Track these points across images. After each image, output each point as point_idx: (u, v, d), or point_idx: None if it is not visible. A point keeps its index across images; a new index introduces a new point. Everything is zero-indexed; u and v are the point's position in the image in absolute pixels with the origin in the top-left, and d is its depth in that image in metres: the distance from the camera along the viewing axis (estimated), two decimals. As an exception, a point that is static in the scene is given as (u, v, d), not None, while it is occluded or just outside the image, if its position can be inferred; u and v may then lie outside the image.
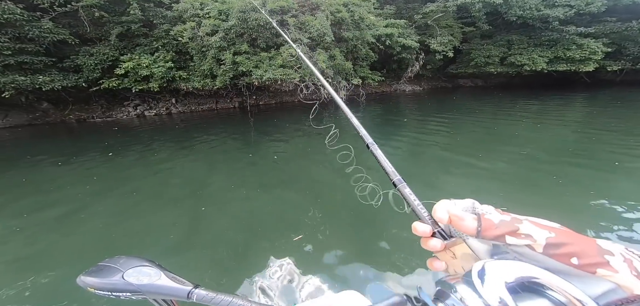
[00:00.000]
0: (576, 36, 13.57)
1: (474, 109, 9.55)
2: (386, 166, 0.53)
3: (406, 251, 2.40)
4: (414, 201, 0.46)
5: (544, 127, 6.50)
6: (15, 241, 2.73)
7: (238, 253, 2.45)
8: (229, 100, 12.04)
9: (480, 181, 3.66)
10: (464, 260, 0.40)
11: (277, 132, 7.06)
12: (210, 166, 4.87)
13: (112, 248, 2.59)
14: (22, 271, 2.27)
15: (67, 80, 9.03)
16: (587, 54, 13.20)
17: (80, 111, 10.60)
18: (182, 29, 9.31)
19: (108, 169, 4.83)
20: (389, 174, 0.52)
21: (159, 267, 0.58)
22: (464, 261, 0.40)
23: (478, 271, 0.33)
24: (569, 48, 13.65)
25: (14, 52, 7.89)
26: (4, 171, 4.91)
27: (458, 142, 5.60)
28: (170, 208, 3.30)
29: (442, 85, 17.95)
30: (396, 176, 0.50)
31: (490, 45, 15.43)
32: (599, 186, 3.28)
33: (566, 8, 13.24)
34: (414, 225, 0.43)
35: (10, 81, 7.90)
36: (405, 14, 15.63)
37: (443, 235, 0.42)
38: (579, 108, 9.06)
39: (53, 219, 3.13)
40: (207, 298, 0.52)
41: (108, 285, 0.54)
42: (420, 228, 0.42)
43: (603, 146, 4.90)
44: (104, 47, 9.45)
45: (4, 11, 7.41)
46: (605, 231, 2.46)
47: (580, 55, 13.31)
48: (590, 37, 13.67)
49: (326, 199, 3.39)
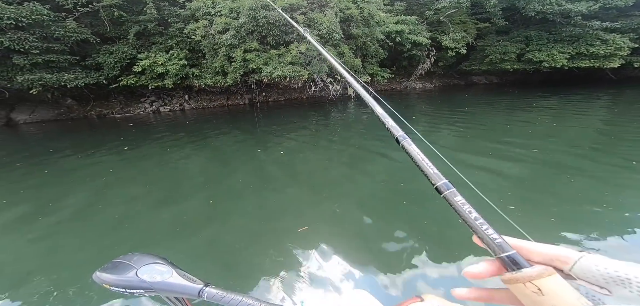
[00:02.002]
0: (601, 31, 12.84)
1: (486, 108, 9.28)
2: (424, 167, 0.41)
3: (418, 248, 2.38)
4: (470, 214, 0.35)
5: (560, 125, 6.25)
6: (36, 232, 2.88)
7: (246, 247, 2.51)
8: (239, 97, 12.31)
9: (488, 179, 3.60)
10: (556, 298, 0.29)
11: (284, 129, 7.18)
12: (220, 161, 5.03)
13: (125, 241, 2.69)
14: (40, 265, 2.36)
15: (90, 77, 9.55)
16: (613, 50, 12.48)
17: (101, 107, 11.18)
18: (195, 27, 9.60)
19: (124, 163, 5.09)
20: (430, 178, 0.39)
21: (171, 265, 0.59)
22: (556, 301, 0.29)
23: None
24: (592, 44, 12.94)
25: (41, 51, 8.43)
26: (29, 163, 5.27)
27: (467, 141, 5.50)
28: (181, 202, 3.44)
29: (455, 82, 17.50)
30: (441, 180, 0.39)
31: (506, 42, 14.87)
32: (613, 187, 3.15)
33: (590, 2, 12.55)
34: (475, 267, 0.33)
35: (38, 78, 8.46)
36: (416, 10, 15.33)
37: (516, 263, 0.31)
38: (601, 106, 8.60)
39: (71, 211, 3.28)
40: (217, 296, 0.53)
41: (122, 282, 0.55)
42: (479, 269, 0.32)
43: (622, 145, 4.67)
44: (123, 46, 9.91)
45: (32, 12, 7.93)
46: (613, 234, 2.38)
47: (605, 51, 12.59)
48: (616, 32, 12.90)
49: (332, 194, 3.43)
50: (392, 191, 3.43)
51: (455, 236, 2.46)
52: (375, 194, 3.40)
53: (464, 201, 0.36)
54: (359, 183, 3.74)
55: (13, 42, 7.87)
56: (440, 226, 2.62)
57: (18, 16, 7.72)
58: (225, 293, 0.52)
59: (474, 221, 0.35)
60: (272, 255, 2.37)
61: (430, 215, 2.81)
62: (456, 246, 2.32)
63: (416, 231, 2.58)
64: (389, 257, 2.27)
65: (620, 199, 2.87)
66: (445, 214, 2.77)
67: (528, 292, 0.30)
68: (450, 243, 2.38)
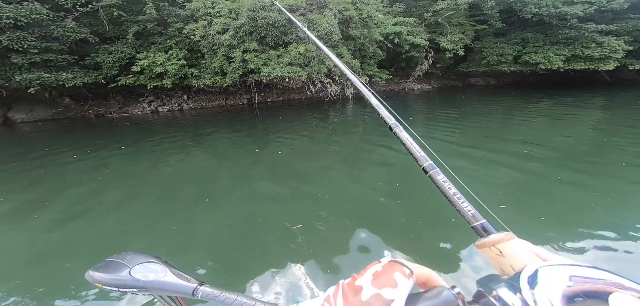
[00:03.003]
0: (596, 34, 13.01)
1: (483, 108, 9.37)
2: (413, 150, 0.47)
3: (409, 245, 2.43)
4: (449, 189, 0.40)
5: (553, 126, 6.34)
6: (30, 231, 2.88)
7: (240, 245, 2.52)
8: (238, 97, 12.35)
9: (478, 179, 3.66)
10: (513, 259, 0.35)
11: (282, 129, 7.22)
12: (217, 161, 5.05)
13: (120, 240, 2.67)
14: (33, 264, 2.35)
15: (88, 77, 9.54)
16: (608, 52, 12.65)
17: (99, 106, 11.17)
18: (194, 28, 9.63)
19: (120, 162, 5.09)
20: (418, 160, 0.46)
21: (165, 263, 0.59)
22: (514, 261, 0.34)
23: (528, 277, 0.30)
24: (587, 46, 13.11)
25: (40, 50, 8.43)
26: (25, 162, 5.26)
27: (462, 141, 5.57)
28: (177, 200, 3.45)
29: (453, 84, 17.63)
30: (427, 162, 0.44)
31: (503, 44, 15.02)
32: (602, 186, 3.23)
33: (586, 5, 12.71)
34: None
35: (36, 77, 8.45)
36: (414, 12, 15.45)
37: (486, 230, 0.37)
38: (596, 108, 8.72)
39: (64, 210, 3.27)
40: (211, 295, 0.52)
41: (115, 281, 0.54)
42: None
43: (613, 146, 4.76)
44: (122, 46, 9.91)
45: (31, 11, 7.93)
46: (599, 229, 2.45)
47: (600, 53, 12.76)
48: (611, 34, 13.08)
49: (327, 193, 3.48)
50: (387, 191, 3.48)
51: (450, 236, 2.51)
52: (371, 193, 3.45)
53: (445, 179, 0.41)
54: (355, 182, 3.78)
55: (12, 41, 7.87)
56: (434, 223, 2.68)
57: (17, 15, 7.72)
58: (219, 292, 0.52)
59: (452, 196, 0.40)
60: (266, 252, 2.39)
61: (425, 214, 2.86)
62: (451, 245, 2.37)
63: (412, 230, 2.62)
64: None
65: (609, 200, 2.93)
66: (438, 210, 2.83)
67: (493, 255, 0.36)
68: (443, 240, 2.43)
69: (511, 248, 0.35)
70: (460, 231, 2.46)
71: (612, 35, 13.07)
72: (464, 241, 2.31)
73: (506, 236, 0.35)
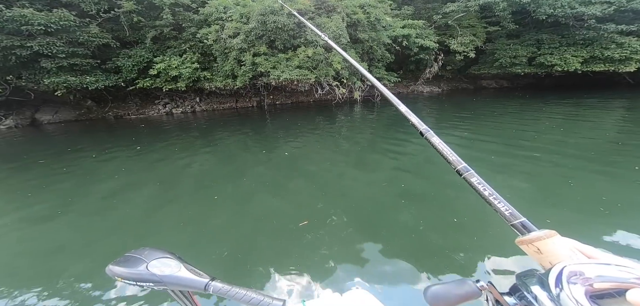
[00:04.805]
0: (616, 34, 12.48)
1: (494, 112, 9.20)
2: (447, 154, 0.48)
3: (414, 244, 2.45)
4: (484, 190, 0.41)
5: (568, 130, 6.17)
6: (53, 227, 3.04)
7: (249, 242, 2.57)
8: (248, 99, 12.67)
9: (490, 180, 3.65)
10: (551, 256, 0.36)
11: (290, 130, 7.38)
12: (227, 161, 5.22)
13: (136, 237, 2.78)
14: (54, 261, 2.44)
15: (109, 80, 10.09)
16: (628, 53, 12.12)
17: (118, 108, 11.76)
18: (207, 32, 10.02)
19: (136, 162, 5.35)
20: (452, 163, 0.47)
21: (179, 259, 0.62)
22: (552, 258, 0.36)
23: (556, 274, 0.30)
24: (607, 47, 12.59)
25: (67, 55, 9.01)
26: (50, 161, 5.63)
27: (472, 145, 5.52)
28: (189, 198, 3.58)
29: (463, 86, 17.32)
30: (460, 164, 0.46)
31: (517, 45, 14.65)
32: (613, 190, 3.15)
33: (604, 5, 12.24)
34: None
35: (63, 81, 9.03)
36: (424, 14, 15.36)
37: (525, 227, 0.38)
38: (614, 111, 8.38)
39: (85, 207, 3.46)
40: (222, 290, 0.55)
41: (133, 275, 0.57)
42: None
43: (628, 150, 4.60)
44: (140, 50, 10.44)
45: (60, 18, 8.52)
46: (607, 234, 2.41)
47: (620, 54, 12.23)
48: (631, 35, 12.52)
49: (334, 193, 3.51)
50: (393, 193, 3.50)
51: (456, 236, 2.55)
52: (378, 194, 3.49)
53: (480, 180, 0.43)
54: (363, 183, 3.84)
55: (42, 47, 8.46)
56: (440, 224, 2.71)
57: (48, 22, 8.31)
58: (230, 287, 0.55)
59: (488, 197, 0.41)
60: (274, 249, 2.45)
61: (429, 215, 2.89)
62: (459, 245, 2.40)
63: (416, 230, 2.65)
64: (389, 256, 2.31)
65: (619, 205, 2.87)
66: (444, 212, 2.86)
67: (531, 252, 0.37)
68: (452, 242, 2.46)
69: (549, 245, 0.36)
70: (461, 231, 2.50)
71: (632, 35, 12.51)
72: (466, 241, 2.35)
73: (546, 233, 0.36)
